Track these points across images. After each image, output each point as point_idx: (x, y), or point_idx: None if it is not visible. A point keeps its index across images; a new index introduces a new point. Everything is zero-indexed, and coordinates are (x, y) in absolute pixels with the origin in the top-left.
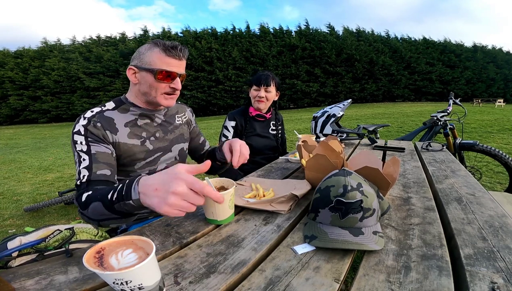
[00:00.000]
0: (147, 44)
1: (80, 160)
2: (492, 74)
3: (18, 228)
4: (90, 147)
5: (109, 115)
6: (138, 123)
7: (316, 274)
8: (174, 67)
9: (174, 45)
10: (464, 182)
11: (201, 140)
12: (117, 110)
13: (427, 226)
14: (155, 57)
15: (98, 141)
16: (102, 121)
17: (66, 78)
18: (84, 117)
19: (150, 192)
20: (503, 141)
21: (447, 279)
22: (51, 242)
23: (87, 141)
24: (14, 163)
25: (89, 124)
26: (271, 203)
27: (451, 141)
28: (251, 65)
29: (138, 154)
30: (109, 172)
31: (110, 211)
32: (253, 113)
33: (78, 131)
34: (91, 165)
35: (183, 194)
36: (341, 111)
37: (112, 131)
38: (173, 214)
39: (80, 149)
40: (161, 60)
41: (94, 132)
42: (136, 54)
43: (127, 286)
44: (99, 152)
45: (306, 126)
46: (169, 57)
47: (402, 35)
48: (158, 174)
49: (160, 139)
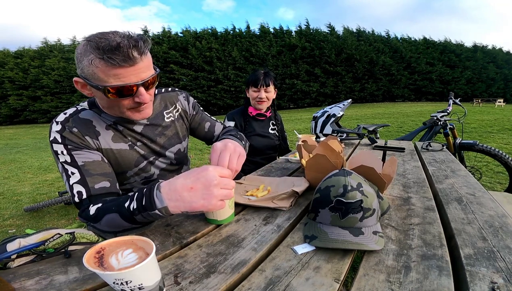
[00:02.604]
0: (82, 46)
1: (67, 173)
2: (492, 74)
3: (18, 228)
4: (74, 157)
5: (85, 117)
6: (119, 128)
7: (316, 274)
8: (127, 78)
9: (116, 46)
10: (464, 182)
11: (208, 127)
12: (93, 111)
13: (427, 226)
14: (96, 70)
15: (78, 148)
16: (78, 126)
17: (66, 78)
18: (57, 122)
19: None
20: (503, 141)
21: (447, 279)
22: (50, 246)
23: (68, 151)
24: (14, 163)
25: (64, 130)
26: (273, 200)
27: (451, 141)
28: (250, 65)
29: (128, 160)
30: (108, 184)
31: (130, 222)
32: (253, 113)
33: (54, 140)
34: (84, 178)
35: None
36: (341, 111)
37: (92, 136)
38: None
39: (64, 160)
40: (105, 72)
41: (72, 139)
42: (76, 59)
43: (127, 286)
44: (87, 163)
45: (306, 126)
46: (114, 68)
47: (402, 35)
48: (183, 175)
49: (147, 145)
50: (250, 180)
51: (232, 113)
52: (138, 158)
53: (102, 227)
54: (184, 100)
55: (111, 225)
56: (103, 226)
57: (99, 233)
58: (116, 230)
